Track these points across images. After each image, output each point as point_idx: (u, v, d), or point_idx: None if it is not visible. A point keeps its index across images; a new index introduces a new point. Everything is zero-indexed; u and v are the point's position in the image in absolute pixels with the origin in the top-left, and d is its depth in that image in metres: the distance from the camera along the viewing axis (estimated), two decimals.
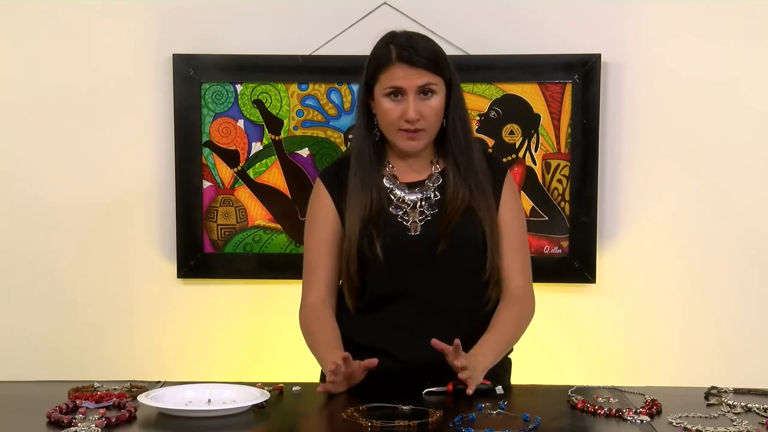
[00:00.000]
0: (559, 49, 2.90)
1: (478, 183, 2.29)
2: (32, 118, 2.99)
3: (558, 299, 2.98)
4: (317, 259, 2.33)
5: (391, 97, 2.24)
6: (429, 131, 2.27)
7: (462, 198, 2.27)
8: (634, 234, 2.98)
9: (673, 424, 1.87)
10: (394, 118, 2.24)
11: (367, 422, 1.81)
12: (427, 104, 2.24)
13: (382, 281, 2.26)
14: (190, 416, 1.90)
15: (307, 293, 2.33)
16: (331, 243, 2.32)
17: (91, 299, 3.02)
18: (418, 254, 2.26)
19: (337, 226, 2.31)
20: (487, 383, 2.13)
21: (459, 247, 2.26)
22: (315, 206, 2.36)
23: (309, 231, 2.36)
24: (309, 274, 2.34)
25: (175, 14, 2.96)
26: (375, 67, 2.26)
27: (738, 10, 2.91)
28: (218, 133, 2.97)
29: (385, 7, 2.93)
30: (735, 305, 2.98)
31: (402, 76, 2.22)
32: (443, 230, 2.25)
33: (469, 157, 2.29)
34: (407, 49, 2.22)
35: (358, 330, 2.27)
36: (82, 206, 3.01)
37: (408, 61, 2.21)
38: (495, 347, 2.21)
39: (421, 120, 2.23)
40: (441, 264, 2.25)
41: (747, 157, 2.95)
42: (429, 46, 2.26)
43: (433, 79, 2.23)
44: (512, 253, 2.33)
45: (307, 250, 2.36)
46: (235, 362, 3.00)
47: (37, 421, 1.87)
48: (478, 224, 2.28)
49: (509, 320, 2.28)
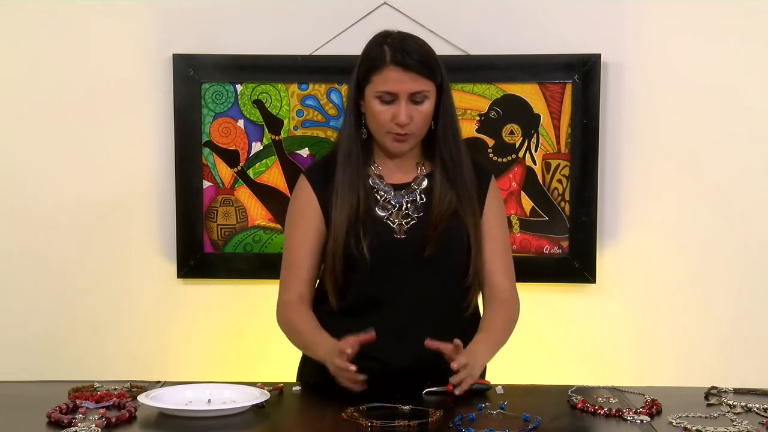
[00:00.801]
0: (559, 49, 2.90)
1: (465, 188, 2.28)
2: (32, 118, 3.00)
3: (558, 299, 2.98)
4: (298, 258, 2.31)
5: (382, 100, 2.22)
6: (417, 134, 2.26)
7: (449, 203, 2.27)
8: (634, 234, 2.98)
9: (673, 424, 1.87)
10: (384, 121, 2.23)
11: (367, 422, 1.81)
12: (418, 109, 2.22)
13: (367, 282, 2.25)
14: (190, 416, 1.90)
15: (285, 291, 2.32)
16: (313, 242, 2.30)
17: (91, 299, 3.02)
18: (403, 257, 2.25)
19: (321, 225, 2.30)
20: (486, 383, 2.13)
21: (444, 252, 2.26)
22: (298, 204, 2.33)
23: (291, 229, 2.34)
24: (288, 273, 2.32)
25: (175, 14, 2.96)
26: (368, 67, 2.24)
27: (738, 10, 2.91)
28: (218, 133, 2.97)
29: (385, 7, 2.93)
30: (735, 305, 2.98)
31: (395, 79, 2.20)
32: (430, 235, 2.24)
33: (458, 162, 2.29)
34: (401, 51, 2.20)
35: (342, 331, 2.21)
36: (82, 206, 3.01)
37: (402, 65, 2.19)
38: (489, 347, 2.22)
39: (411, 124, 2.23)
40: (426, 267, 2.25)
41: (747, 157, 2.95)
42: (422, 48, 2.24)
43: (425, 86, 2.21)
44: (497, 256, 2.33)
45: (288, 248, 2.34)
46: (235, 362, 3.00)
47: (37, 421, 1.87)
48: (463, 229, 2.28)
49: (499, 322, 2.29)
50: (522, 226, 2.95)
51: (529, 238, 2.95)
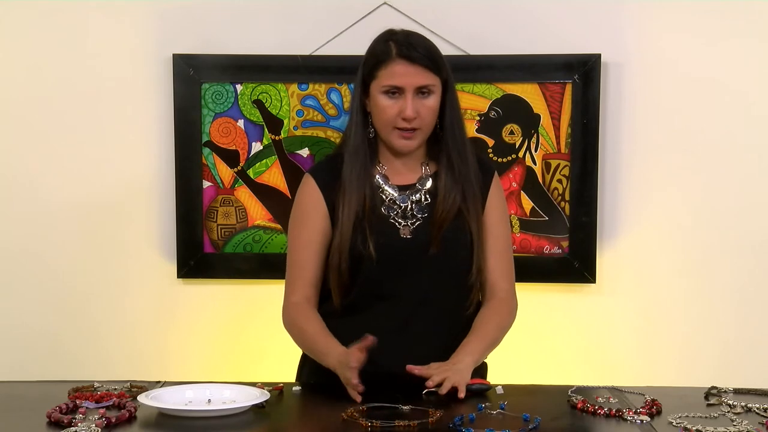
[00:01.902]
0: (559, 49, 2.90)
1: (470, 186, 2.29)
2: (32, 117, 2.99)
3: (558, 299, 2.98)
4: (305, 258, 2.31)
5: (388, 95, 2.23)
6: (424, 131, 2.27)
7: (453, 203, 2.27)
8: (634, 234, 2.98)
9: (673, 424, 1.87)
10: (390, 116, 2.23)
11: (367, 422, 1.81)
12: (424, 104, 2.23)
13: (372, 282, 2.26)
14: (190, 416, 1.90)
15: (292, 293, 2.31)
16: (319, 243, 2.30)
17: (91, 299, 3.02)
18: (408, 257, 2.26)
19: (327, 225, 2.30)
20: (486, 383, 2.13)
21: (449, 251, 2.26)
22: (304, 204, 2.33)
23: (296, 229, 2.33)
24: (294, 274, 2.32)
25: (175, 14, 2.96)
26: (373, 63, 2.25)
27: (738, 9, 2.91)
28: (218, 133, 2.97)
29: (385, 7, 2.93)
30: (735, 305, 2.98)
31: (401, 73, 2.21)
32: (434, 235, 2.25)
33: (464, 159, 2.29)
34: (407, 45, 2.22)
35: (344, 329, 2.23)
36: (81, 206, 3.00)
37: (408, 58, 2.21)
38: (478, 347, 2.22)
39: (417, 119, 2.23)
40: (430, 267, 2.26)
41: (747, 157, 2.95)
42: (427, 44, 2.27)
43: (431, 80, 2.23)
44: (497, 255, 2.33)
45: (293, 248, 2.33)
46: (235, 362, 3.00)
47: (37, 421, 1.87)
48: (467, 227, 2.28)
49: (492, 322, 2.29)
50: (522, 226, 2.95)
51: (529, 238, 2.95)
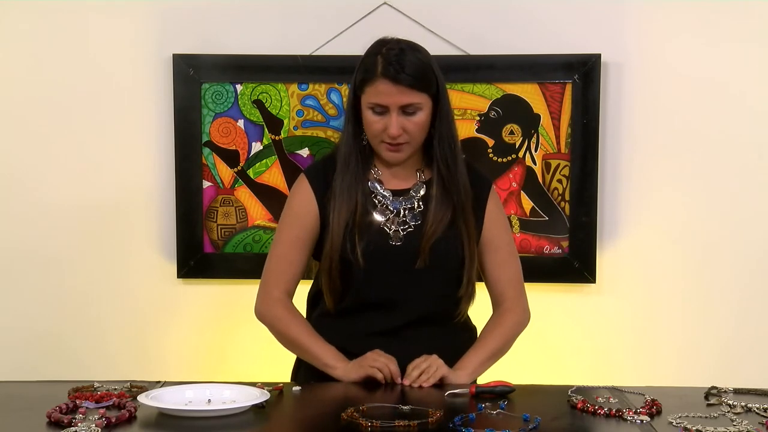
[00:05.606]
0: (559, 49, 2.90)
1: (461, 199, 2.28)
2: (32, 118, 3.00)
3: (558, 299, 2.98)
4: (290, 255, 2.32)
5: (374, 111, 2.22)
6: (413, 144, 2.26)
7: (444, 213, 2.27)
8: (634, 234, 2.98)
9: (673, 424, 1.86)
10: (377, 131, 2.23)
11: (367, 422, 1.81)
12: (411, 120, 2.21)
13: (363, 286, 2.27)
14: (190, 416, 1.90)
15: (274, 287, 2.33)
16: (306, 242, 2.32)
17: (91, 299, 3.03)
18: (398, 264, 2.26)
19: (316, 226, 2.31)
20: (508, 384, 2.10)
21: (438, 262, 2.27)
22: (296, 202, 2.34)
23: (286, 225, 2.34)
24: (278, 269, 2.33)
25: (175, 14, 2.96)
26: (361, 78, 2.23)
27: (738, 10, 2.91)
28: (218, 133, 2.97)
29: (385, 7, 2.93)
30: (735, 305, 2.98)
31: (386, 92, 2.19)
32: (424, 246, 2.25)
33: (453, 172, 2.28)
34: (394, 64, 2.17)
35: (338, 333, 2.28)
36: (82, 206, 3.01)
37: (392, 79, 2.18)
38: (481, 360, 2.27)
39: (403, 135, 2.22)
40: (420, 276, 2.26)
41: (747, 157, 2.95)
42: (417, 61, 2.20)
43: (417, 98, 2.20)
44: (501, 266, 2.36)
45: (280, 243, 2.34)
46: (235, 362, 3.00)
47: (37, 421, 1.87)
48: (458, 240, 2.28)
49: (497, 333, 2.32)
50: (522, 226, 2.95)
51: (529, 238, 2.95)
